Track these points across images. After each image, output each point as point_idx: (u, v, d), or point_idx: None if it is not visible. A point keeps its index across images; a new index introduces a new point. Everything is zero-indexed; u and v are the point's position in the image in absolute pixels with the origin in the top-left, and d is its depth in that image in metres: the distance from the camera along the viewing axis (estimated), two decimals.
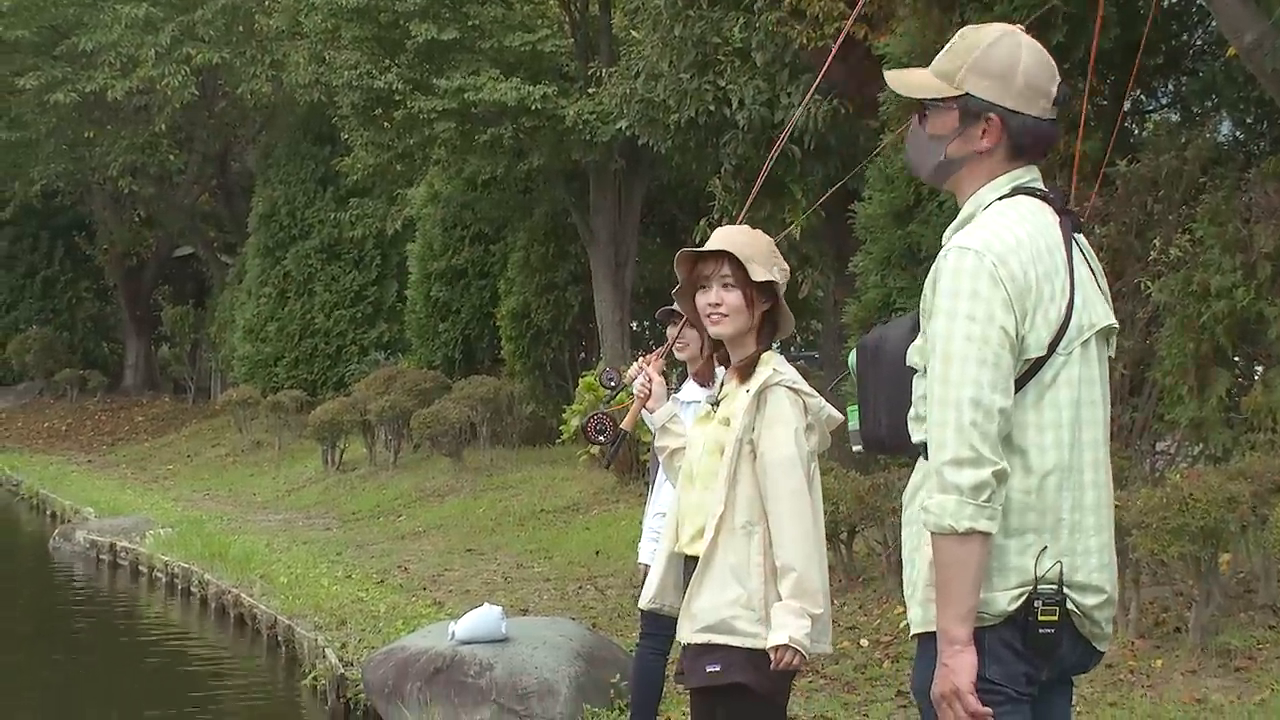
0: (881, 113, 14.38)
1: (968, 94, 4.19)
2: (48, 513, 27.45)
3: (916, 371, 4.20)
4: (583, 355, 25.83)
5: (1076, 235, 4.24)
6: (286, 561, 17.75)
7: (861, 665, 10.54)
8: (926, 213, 13.49)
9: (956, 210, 5.02)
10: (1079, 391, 4.12)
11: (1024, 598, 4.01)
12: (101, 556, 21.53)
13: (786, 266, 5.87)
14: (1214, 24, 12.84)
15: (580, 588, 14.95)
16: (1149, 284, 11.81)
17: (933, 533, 3.96)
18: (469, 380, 24.64)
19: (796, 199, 16.63)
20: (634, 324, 25.04)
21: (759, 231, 5.91)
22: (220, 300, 38.33)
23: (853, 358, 4.53)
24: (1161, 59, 14.51)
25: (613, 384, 7.07)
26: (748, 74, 16.18)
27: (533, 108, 21.38)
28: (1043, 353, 4.04)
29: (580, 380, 20.13)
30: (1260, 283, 11.09)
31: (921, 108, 4.31)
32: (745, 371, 5.80)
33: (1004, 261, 4.01)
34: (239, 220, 37.20)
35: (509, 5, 23.51)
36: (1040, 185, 4.28)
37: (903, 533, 4.34)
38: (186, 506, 24.75)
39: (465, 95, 21.48)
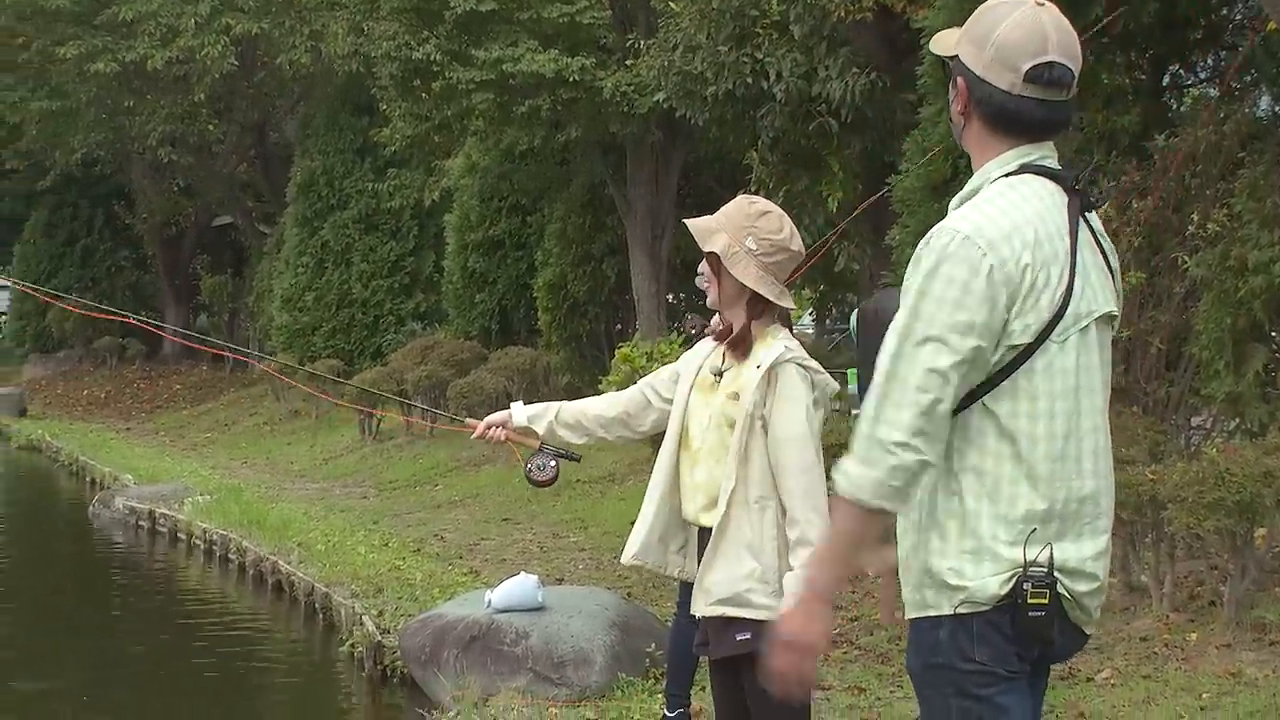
0: (919, 86, 14.35)
1: (956, 56, 4.16)
2: (87, 479, 27.55)
3: None
4: (619, 327, 25.82)
5: (1087, 215, 4.14)
6: (324, 529, 17.80)
7: (896, 637, 10.53)
8: (962, 185, 13.44)
9: None
10: (1077, 379, 4.04)
11: (1014, 580, 3.94)
12: (140, 523, 21.62)
13: (773, 238, 5.82)
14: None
15: (614, 557, 14.89)
16: (1186, 259, 11.77)
17: (842, 497, 3.95)
18: (505, 351, 24.68)
19: (834, 172, 16.61)
20: (670, 296, 25.02)
21: (759, 202, 5.90)
22: (258, 270, 38.40)
23: (853, 322, 4.53)
24: (1200, 34, 14.47)
25: (544, 473, 7.06)
26: (785, 47, 16.15)
27: (570, 79, 21.37)
28: (1031, 339, 3.94)
29: (616, 352, 20.10)
30: None
31: None
32: (738, 344, 5.84)
33: (994, 247, 3.91)
34: (277, 190, 37.26)
35: None
36: (1052, 163, 4.14)
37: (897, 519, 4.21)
38: (224, 474, 24.84)
39: (503, 66, 21.47)
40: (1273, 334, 11.63)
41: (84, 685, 13.36)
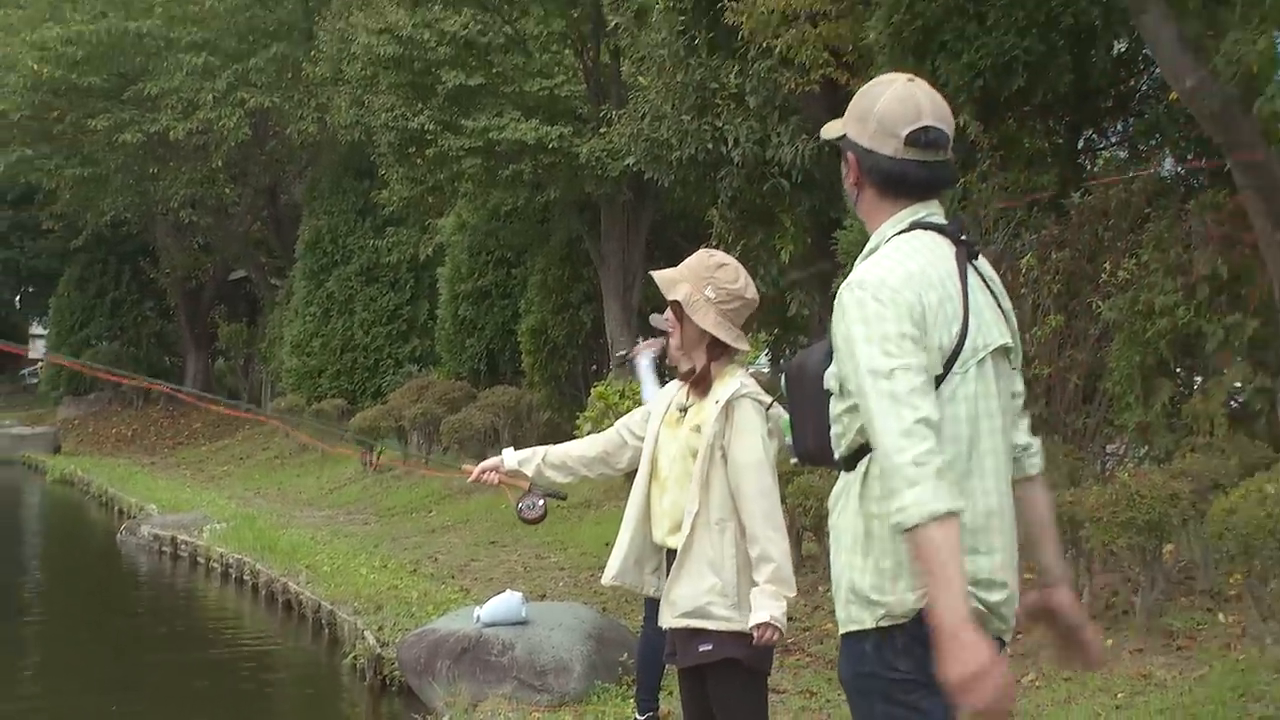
0: None
1: (844, 135, 4.20)
2: (115, 509, 27.47)
3: (830, 393, 4.15)
4: (595, 367, 25.82)
5: (975, 262, 4.17)
6: (329, 553, 17.77)
7: None
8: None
9: None
10: (976, 406, 4.02)
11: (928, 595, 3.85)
12: (163, 548, 21.56)
13: (729, 288, 5.89)
14: (1158, 71, 12.87)
15: (592, 575, 14.96)
16: (1100, 303, 11.84)
17: (917, 526, 3.73)
18: (493, 390, 24.69)
19: (786, 227, 16.67)
20: (641, 339, 25.05)
21: (716, 255, 5.97)
22: (270, 318, 38.36)
23: (783, 380, 4.48)
24: (1111, 102, 14.57)
25: (533, 512, 7.09)
26: (742, 116, 16.20)
27: (550, 146, 21.43)
28: (939, 372, 3.95)
29: (592, 390, 20.10)
30: (1199, 302, 11.13)
31: None
32: (699, 383, 5.91)
33: (897, 293, 3.92)
34: (287, 246, 37.22)
35: (529, 54, 23.56)
36: (938, 219, 4.18)
37: (830, 538, 4.24)
38: (240, 503, 24.77)
39: (490, 135, 21.53)
40: (1177, 370, 11.71)
41: (112, 694, 13.32)
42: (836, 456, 4.16)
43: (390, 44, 22.13)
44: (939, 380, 3.95)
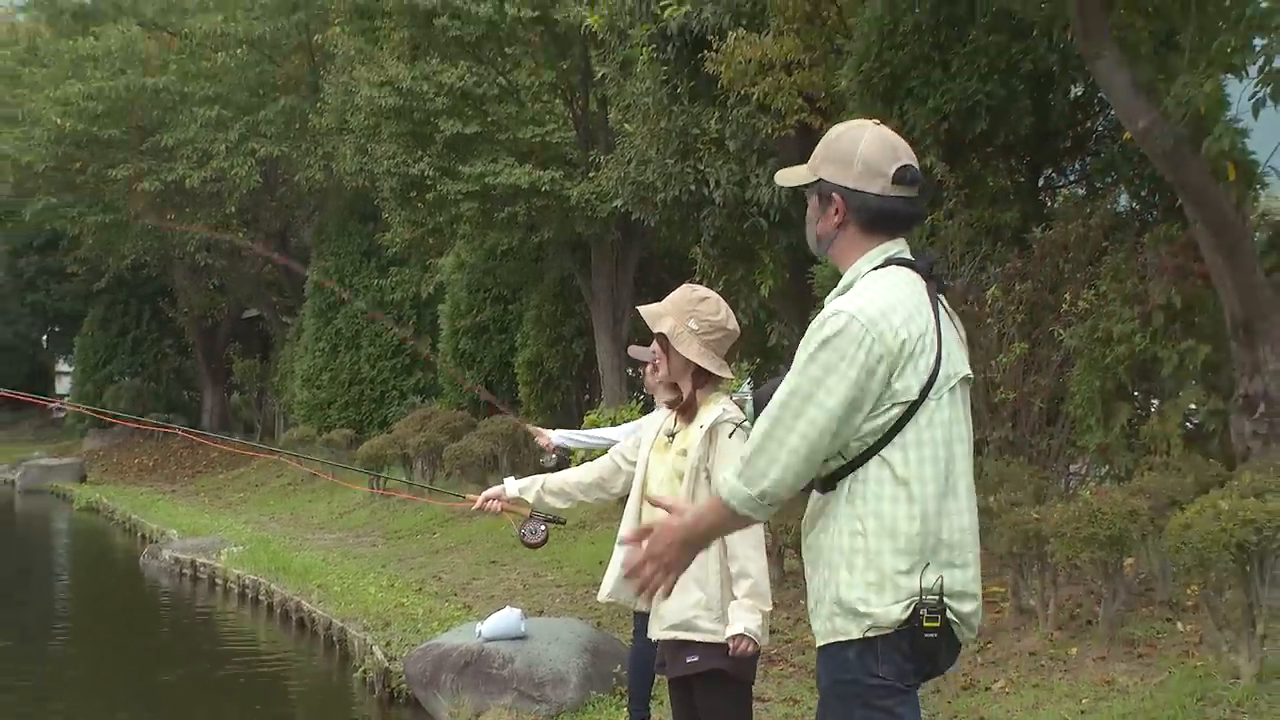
0: None
1: (820, 179, 4.21)
2: (138, 534, 27.38)
3: None
4: (587, 397, 25.79)
5: (940, 296, 4.22)
6: (339, 573, 17.72)
7: None
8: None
9: None
10: (950, 430, 4.10)
11: (911, 608, 3.99)
12: (184, 571, 21.49)
13: (712, 320, 5.89)
14: (1113, 113, 12.88)
15: (587, 592, 14.91)
16: (1061, 331, 11.83)
17: (719, 497, 4.05)
18: (492, 419, 24.62)
19: (765, 263, 16.65)
20: (630, 370, 24.98)
21: (699, 290, 5.95)
22: (282, 354, 38.31)
23: (750, 407, 4.42)
24: (1069, 142, 14.58)
25: (535, 537, 7.08)
26: (722, 159, 16.20)
27: (543, 190, 21.44)
28: (915, 398, 4.01)
29: (585, 418, 20.05)
30: (1155, 330, 11.13)
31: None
32: (685, 410, 5.91)
33: (874, 323, 3.97)
34: (297, 287, 37.19)
35: (522, 104, 23.57)
36: (908, 255, 4.23)
37: (804, 555, 4.28)
38: (255, 528, 24.70)
39: (486, 180, 21.55)
40: (1135, 394, 11.70)
41: (136, 709, 13.27)
42: (818, 475, 4.11)
43: (391, 96, 22.14)
44: (916, 406, 4.02)
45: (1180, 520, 8.60)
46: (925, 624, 4.00)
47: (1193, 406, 11.24)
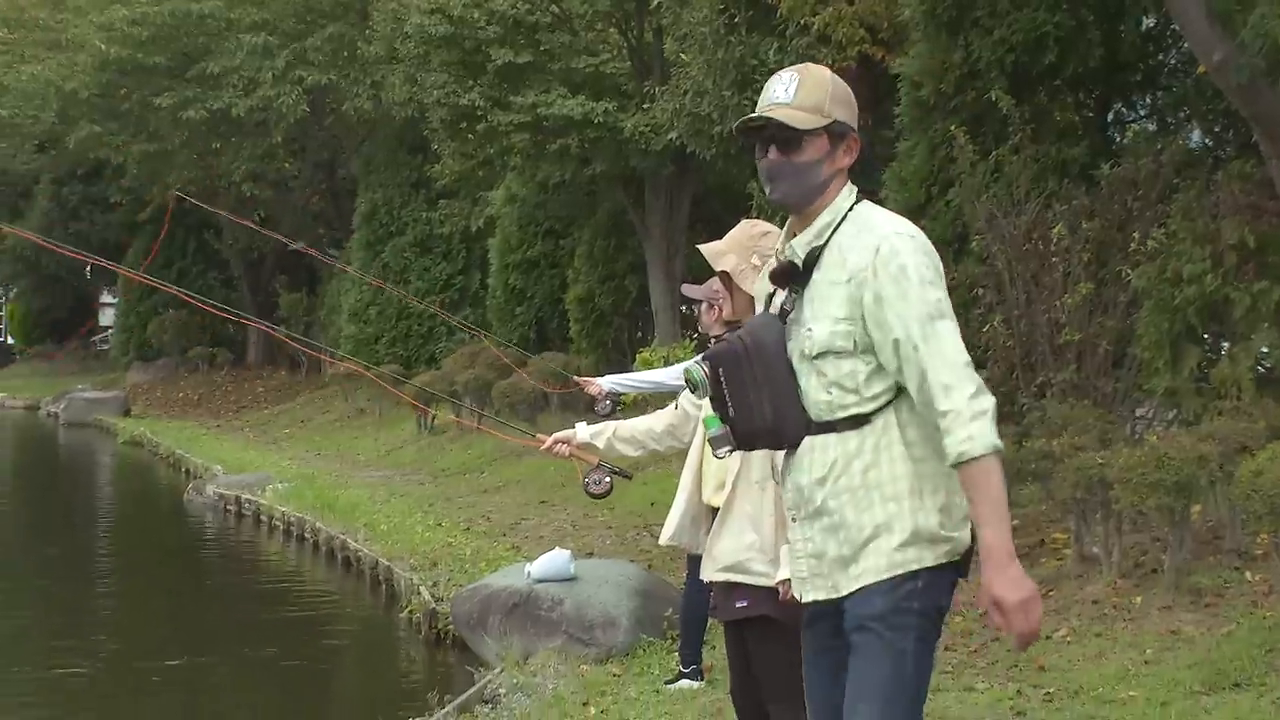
0: (896, 124, 14.32)
1: (835, 120, 4.21)
2: (182, 470, 27.58)
3: (837, 353, 4.10)
4: (640, 334, 25.79)
5: None
6: (386, 512, 17.81)
7: None
8: (936, 210, 13.40)
9: (959, 210, 4.78)
10: None
11: (972, 534, 4.05)
12: (228, 507, 21.65)
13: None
14: (1186, 45, 12.72)
15: (638, 534, 14.95)
16: (1129, 271, 11.72)
17: (982, 456, 3.86)
18: (542, 356, 24.66)
19: None
20: (683, 308, 24.95)
21: (760, 224, 5.87)
22: (329, 288, 38.39)
23: (699, 370, 4.37)
24: (1140, 76, 14.42)
25: (599, 487, 7.03)
26: None
27: (595, 121, 21.37)
28: None
29: (637, 356, 20.07)
30: (1226, 270, 11.00)
31: (786, 141, 4.19)
32: None
33: (926, 239, 4.13)
34: (345, 219, 37.24)
35: (575, 32, 23.47)
36: None
37: (831, 502, 4.13)
38: (300, 464, 24.84)
39: (538, 111, 21.50)
40: (1204, 336, 11.58)
41: (179, 648, 13.38)
42: (848, 414, 4.10)
43: (442, 23, 22.09)
44: None
45: (1251, 466, 8.54)
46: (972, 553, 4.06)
47: (1265, 350, 11.12)
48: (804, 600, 4.25)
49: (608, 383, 10.01)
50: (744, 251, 5.76)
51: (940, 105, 13.57)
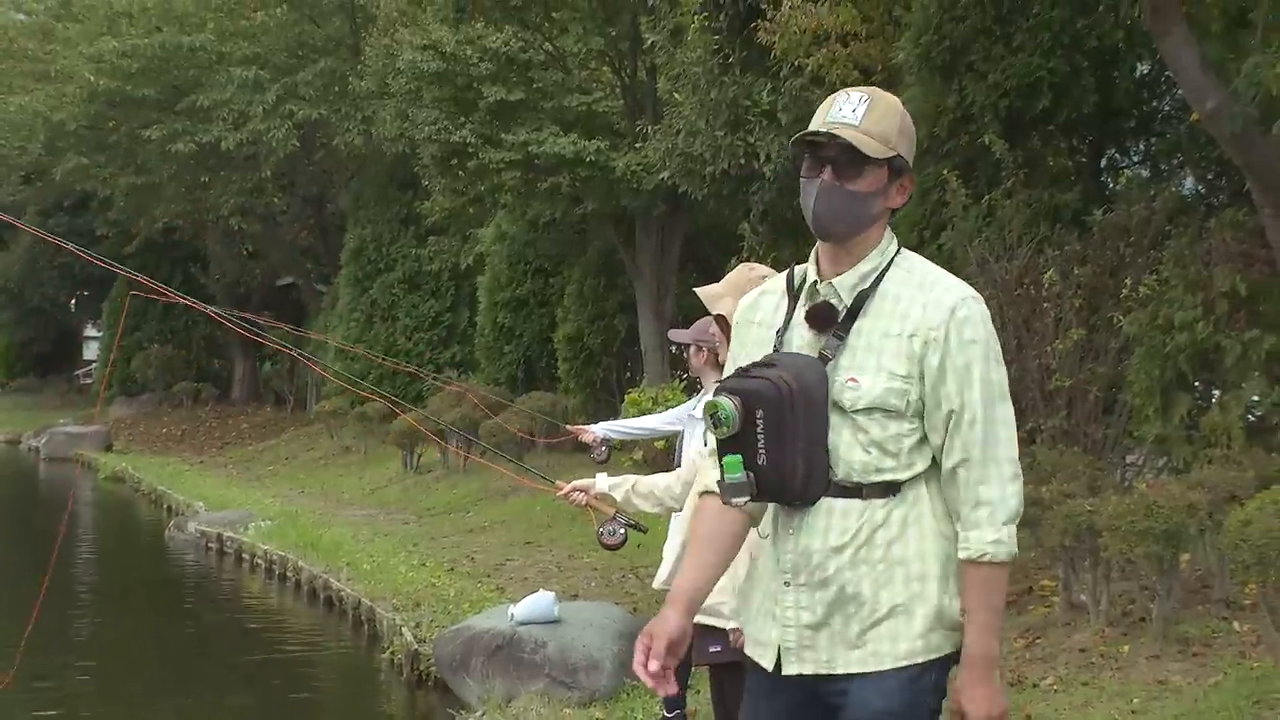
0: None
1: (898, 154, 3.91)
2: (165, 506, 27.56)
3: (886, 412, 3.79)
4: (629, 375, 25.81)
5: None
6: (369, 551, 17.80)
7: None
8: (928, 253, 13.41)
9: (951, 254, 4.59)
10: None
11: None
12: (210, 545, 21.63)
13: None
14: (1180, 92, 12.81)
15: (623, 576, 14.96)
16: (1121, 318, 11.78)
17: (1004, 563, 3.72)
18: (529, 395, 24.69)
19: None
20: (673, 348, 25.02)
21: (758, 268, 5.89)
22: (316, 324, 38.42)
23: (730, 405, 3.83)
24: (1134, 122, 14.51)
25: (613, 538, 7.05)
26: (773, 132, 16.17)
27: (587, 160, 21.44)
28: None
29: (626, 396, 20.11)
30: (1218, 318, 11.06)
31: (846, 165, 3.86)
32: None
33: None
34: (333, 254, 37.29)
35: (568, 70, 23.58)
36: None
37: (852, 572, 3.82)
38: (284, 502, 24.82)
39: (529, 148, 21.56)
40: (1195, 384, 11.63)
41: (161, 688, 13.37)
42: (888, 479, 3.80)
43: (434, 60, 22.17)
44: None
45: (1240, 516, 8.57)
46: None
47: (1256, 398, 11.16)
48: (785, 672, 3.89)
49: (601, 430, 10.02)
50: (741, 295, 5.80)
51: (933, 149, 13.65)
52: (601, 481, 6.59)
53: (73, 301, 55.40)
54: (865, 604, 3.80)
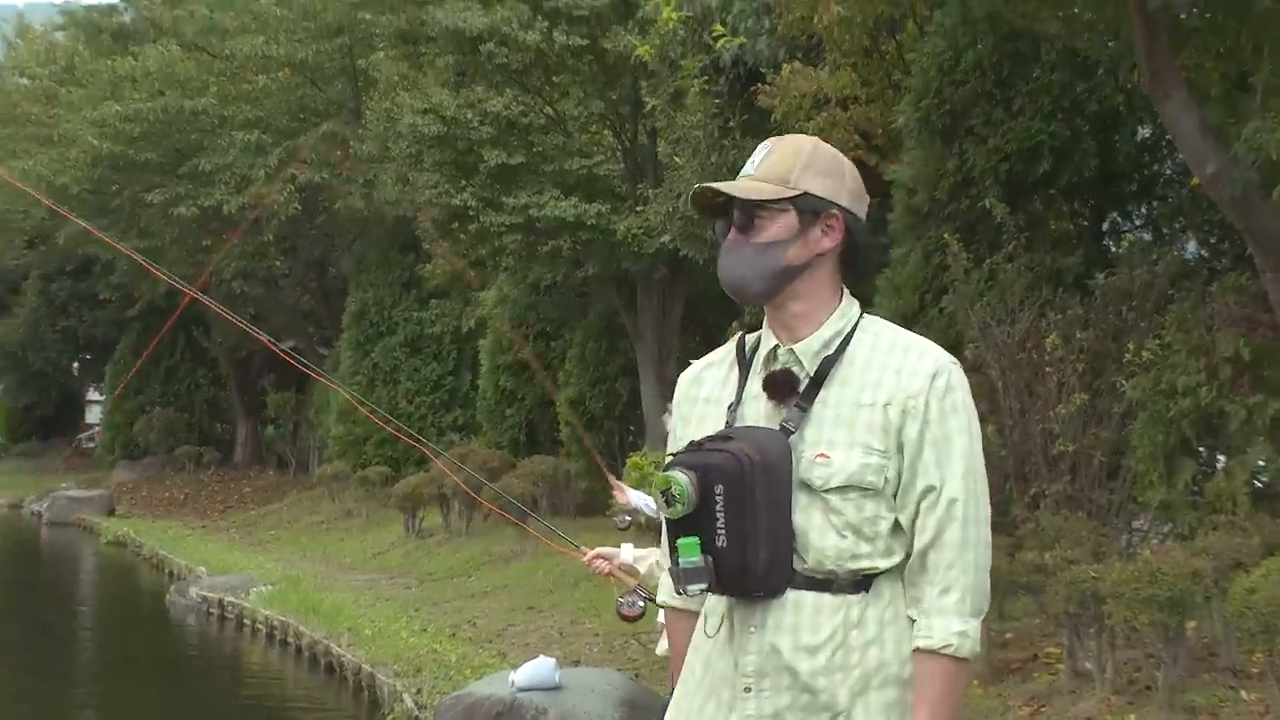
0: (890, 230, 14.39)
1: (806, 192, 3.50)
2: (166, 571, 27.46)
3: (862, 490, 3.41)
4: (631, 439, 25.77)
5: None
6: (371, 616, 17.73)
7: None
8: (929, 317, 13.46)
9: (952, 318, 4.29)
10: None
11: None
12: (211, 610, 21.55)
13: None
14: (1180, 157, 12.82)
15: (625, 642, 14.87)
16: (1124, 383, 11.75)
17: (962, 659, 3.35)
18: (531, 459, 24.65)
19: None
20: (665, 416, 25.06)
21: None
22: (317, 387, 38.40)
23: (685, 480, 3.43)
24: (1135, 186, 14.53)
25: (632, 610, 7.01)
26: None
27: (588, 223, 21.47)
28: None
29: (628, 460, 20.05)
30: (1221, 383, 11.03)
31: (743, 218, 3.52)
32: None
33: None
34: (335, 318, 37.30)
35: (568, 134, 23.63)
36: None
37: (820, 680, 3.42)
38: (286, 567, 24.74)
39: (530, 212, 21.59)
40: (1200, 450, 11.59)
41: None
42: (861, 566, 3.42)
43: (434, 124, 22.22)
44: None
45: (1245, 584, 8.52)
46: None
47: (1261, 464, 11.12)
48: None
49: (638, 498, 9.82)
50: None
51: (934, 212, 13.66)
52: (626, 553, 6.55)
53: (75, 365, 55.37)
54: (841, 713, 3.39)
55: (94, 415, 58.18)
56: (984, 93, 13.43)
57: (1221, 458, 11.59)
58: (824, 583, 3.41)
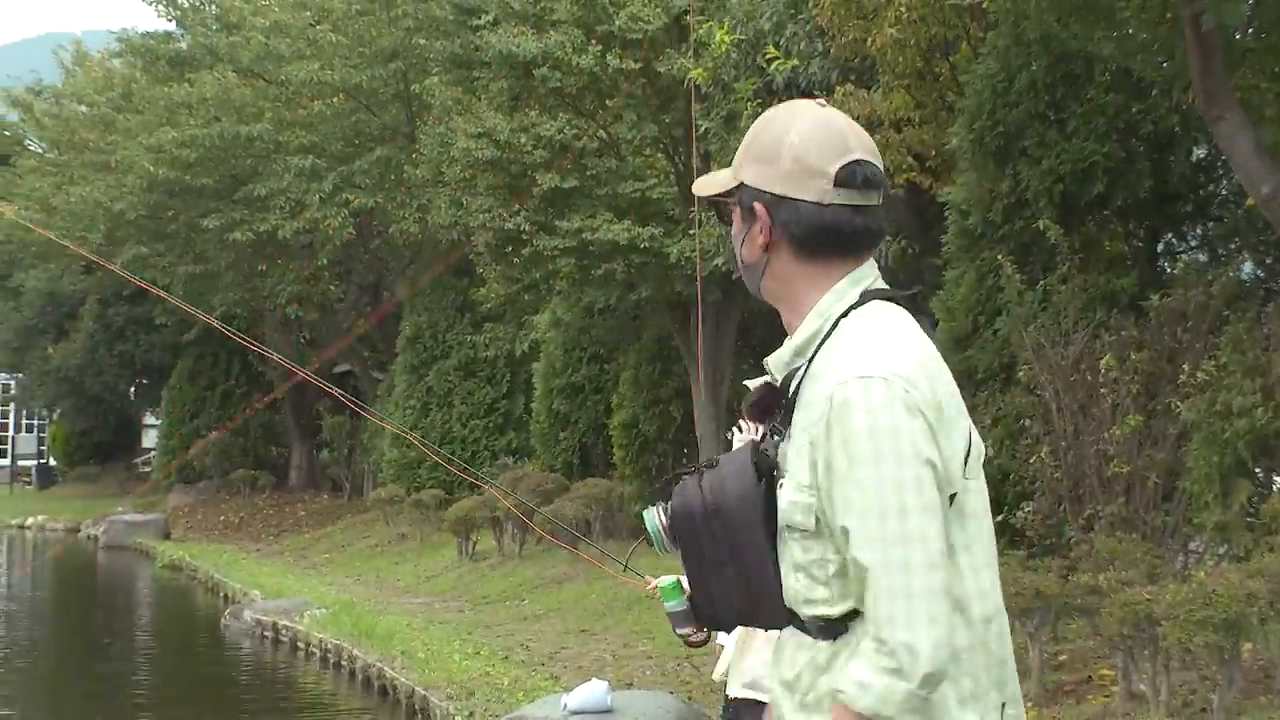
0: (944, 251, 14.38)
1: (742, 184, 3.17)
2: (220, 595, 27.57)
3: (802, 531, 3.04)
4: (685, 461, 25.77)
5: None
6: (424, 639, 17.78)
7: None
8: (983, 339, 13.46)
9: (1006, 340, 4.11)
10: (985, 521, 3.11)
11: None
12: (265, 634, 21.63)
13: None
14: (1236, 177, 12.78)
15: (678, 665, 14.87)
16: (1179, 404, 11.71)
17: (854, 713, 2.90)
18: (585, 482, 24.68)
19: None
20: (728, 434, 25.03)
21: None
22: (372, 410, 38.57)
23: (654, 518, 3.28)
24: (1190, 206, 14.49)
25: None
26: None
27: (641, 246, 21.51)
28: (955, 488, 2.99)
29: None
30: (1277, 403, 10.98)
31: (723, 214, 3.28)
32: None
33: (914, 384, 2.93)
34: (389, 342, 37.48)
35: (622, 158, 23.68)
36: (884, 285, 3.17)
37: (796, 717, 3.14)
38: (339, 590, 24.84)
39: (583, 235, 21.65)
40: (1256, 471, 11.54)
41: None
42: (814, 614, 3.08)
43: (488, 148, 22.32)
44: (953, 496, 3.01)
45: None
46: None
47: None
48: None
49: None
50: None
51: (988, 234, 13.66)
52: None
53: (132, 390, 55.75)
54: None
55: (150, 439, 58.51)
56: (1037, 114, 13.43)
57: (1277, 479, 11.54)
58: (802, 623, 3.11)
